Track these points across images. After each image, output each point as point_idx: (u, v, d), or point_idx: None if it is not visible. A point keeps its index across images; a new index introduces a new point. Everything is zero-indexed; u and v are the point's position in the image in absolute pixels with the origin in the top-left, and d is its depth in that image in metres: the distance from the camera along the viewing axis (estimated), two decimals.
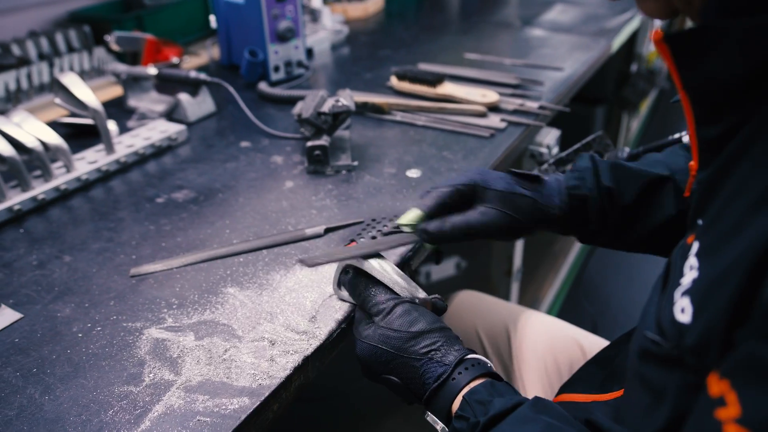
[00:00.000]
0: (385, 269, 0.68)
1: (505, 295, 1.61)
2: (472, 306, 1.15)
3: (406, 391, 0.63)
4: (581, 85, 1.50)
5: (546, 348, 1.02)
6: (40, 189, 0.95)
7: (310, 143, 1.01)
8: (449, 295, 1.18)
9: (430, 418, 0.62)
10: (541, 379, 0.99)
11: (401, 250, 0.81)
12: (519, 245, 1.55)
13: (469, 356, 0.62)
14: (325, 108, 1.02)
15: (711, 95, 0.48)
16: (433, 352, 0.61)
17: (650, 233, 0.76)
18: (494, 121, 1.20)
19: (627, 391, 0.58)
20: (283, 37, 1.42)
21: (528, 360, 1.01)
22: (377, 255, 0.70)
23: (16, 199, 0.93)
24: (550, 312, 2.01)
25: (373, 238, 0.84)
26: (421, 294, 0.67)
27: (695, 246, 0.46)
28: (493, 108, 1.26)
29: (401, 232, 0.74)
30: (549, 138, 1.32)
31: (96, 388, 0.62)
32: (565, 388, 0.78)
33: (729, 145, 0.46)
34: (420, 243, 0.75)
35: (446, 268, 1.99)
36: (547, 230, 0.78)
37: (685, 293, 0.44)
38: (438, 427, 0.62)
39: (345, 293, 0.72)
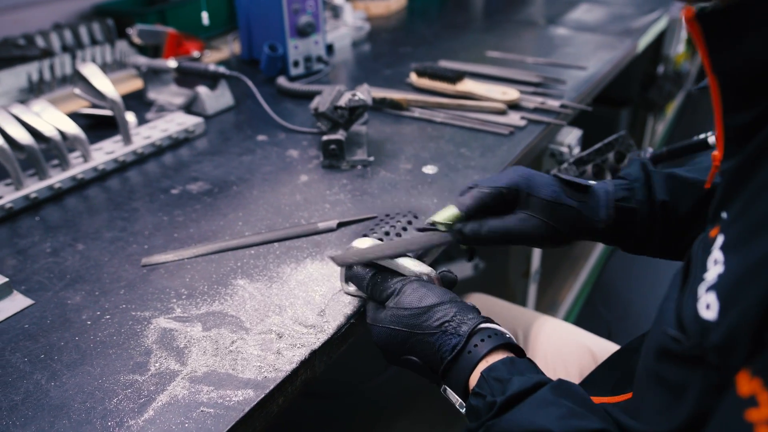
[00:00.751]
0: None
1: (522, 298, 1.59)
2: (484, 310, 1.12)
3: (427, 370, 0.61)
4: (604, 85, 1.47)
5: (556, 354, 1.00)
6: (57, 178, 0.96)
7: (325, 137, 1.00)
8: (461, 296, 1.16)
9: (448, 393, 0.60)
10: None
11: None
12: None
13: (485, 325, 0.60)
14: (342, 102, 1.01)
15: (744, 79, 0.45)
16: (446, 324, 0.59)
17: None
18: (514, 118, 1.18)
19: (637, 391, 0.56)
20: (303, 32, 1.41)
21: (539, 366, 0.99)
22: (406, 254, 0.68)
23: (33, 187, 0.93)
24: (568, 317, 1.97)
25: (398, 235, 0.83)
26: (428, 270, 0.66)
27: (719, 239, 0.43)
28: (514, 106, 1.24)
29: (435, 229, 0.72)
30: (570, 137, 1.30)
31: (102, 376, 0.62)
32: None
33: (759, 133, 0.43)
34: (453, 243, 0.72)
35: (464, 269, 1.97)
36: (588, 240, 0.75)
37: (710, 289, 0.41)
38: (456, 403, 0.59)
39: (352, 288, 0.71)
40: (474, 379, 0.57)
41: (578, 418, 0.50)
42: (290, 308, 0.71)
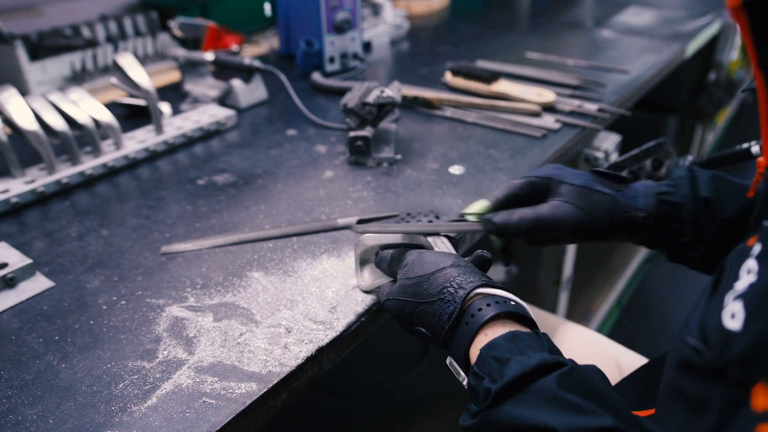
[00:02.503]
0: (392, 235, 0.66)
1: (552, 306, 1.55)
2: None
3: (435, 341, 0.58)
4: (647, 89, 1.42)
5: (581, 363, 0.96)
6: (88, 164, 0.98)
7: (352, 133, 1.00)
8: None
9: (452, 365, 0.57)
10: None
11: None
12: (570, 253, 1.48)
13: (485, 290, 0.55)
14: (370, 99, 1.00)
15: None
16: (444, 291, 0.56)
17: None
18: (548, 121, 1.15)
19: (660, 407, 0.53)
20: (339, 28, 1.41)
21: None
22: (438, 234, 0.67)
23: (65, 172, 0.96)
24: (600, 328, 1.92)
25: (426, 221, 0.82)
26: (440, 238, 0.64)
27: (757, 248, 0.40)
28: (549, 108, 1.21)
29: (465, 221, 0.70)
30: (608, 143, 1.26)
31: (111, 360, 0.62)
32: None
33: None
34: (485, 235, 0.70)
35: (496, 273, 1.94)
36: (628, 239, 0.70)
37: (738, 297, 0.39)
38: (460, 379, 0.56)
39: (366, 281, 0.71)
40: (474, 353, 0.53)
41: (586, 414, 0.45)
42: (302, 303, 0.70)
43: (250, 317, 0.68)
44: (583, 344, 0.98)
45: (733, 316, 0.38)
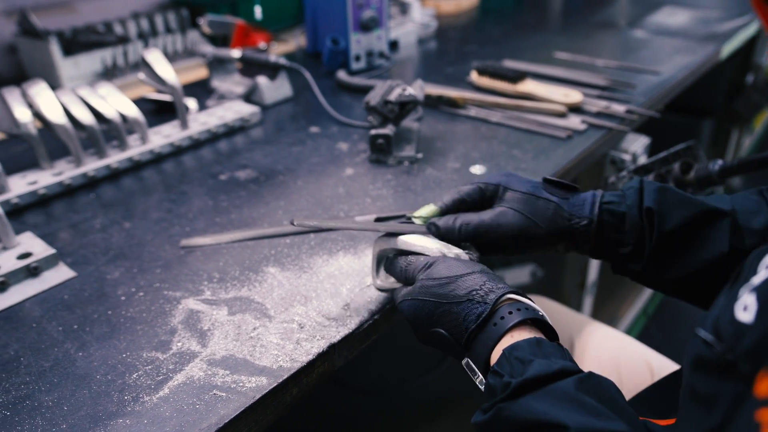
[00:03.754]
0: (420, 240, 0.66)
1: (577, 309, 1.52)
2: None
3: (452, 342, 0.58)
4: (679, 91, 1.38)
5: (611, 365, 0.94)
6: (114, 158, 1.00)
7: (373, 131, 0.99)
8: None
9: (469, 365, 0.57)
10: None
11: None
12: None
13: (515, 296, 0.56)
14: (392, 97, 1.00)
15: None
16: (474, 292, 0.56)
17: (693, 273, 0.65)
18: (574, 122, 1.13)
19: (678, 413, 0.51)
20: (366, 27, 1.41)
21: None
22: (394, 234, 0.68)
23: (91, 165, 0.98)
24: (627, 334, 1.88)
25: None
26: (457, 250, 0.64)
27: None
28: (575, 109, 1.19)
29: (412, 223, 0.70)
30: (636, 145, 1.23)
31: (126, 350, 0.63)
32: None
33: None
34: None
35: (521, 275, 1.92)
36: (572, 248, 0.69)
37: (753, 290, 0.38)
38: (476, 379, 0.56)
39: (381, 282, 0.70)
40: (496, 355, 0.53)
41: (600, 417, 0.45)
42: (316, 299, 0.70)
43: (264, 312, 0.69)
44: (614, 345, 0.97)
45: (746, 308, 0.38)
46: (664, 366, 0.92)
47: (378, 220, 0.84)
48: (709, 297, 0.49)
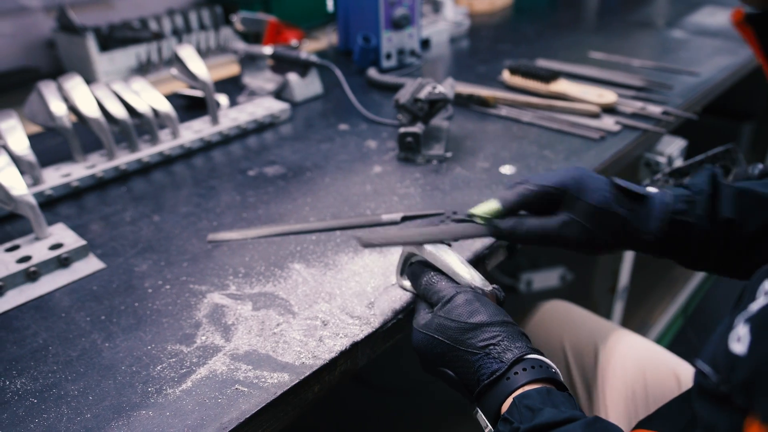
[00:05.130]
0: (447, 258, 0.64)
1: (607, 314, 1.49)
2: (561, 317, 1.06)
3: (461, 386, 0.58)
4: (719, 93, 1.34)
5: (637, 373, 0.92)
6: (146, 152, 1.01)
7: (402, 129, 0.99)
8: (538, 303, 1.11)
9: (479, 416, 0.57)
10: (627, 406, 0.90)
11: (476, 246, 0.77)
12: (628, 261, 1.42)
13: (531, 356, 0.56)
14: (422, 95, 0.99)
15: None
16: (491, 347, 0.56)
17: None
18: (608, 123, 1.11)
19: None
20: (397, 25, 1.40)
21: (614, 384, 0.92)
22: (442, 243, 0.66)
23: (123, 159, 0.99)
24: (660, 340, 1.84)
25: (441, 222, 0.81)
26: (481, 282, 0.63)
27: None
28: (609, 109, 1.16)
29: (473, 222, 0.68)
30: (672, 148, 1.20)
31: (151, 343, 0.64)
32: (643, 424, 0.69)
33: None
34: (490, 238, 0.69)
35: (549, 278, 1.89)
36: (633, 251, 0.69)
37: (747, 320, 0.37)
38: (485, 429, 0.57)
39: (407, 282, 0.69)
40: (506, 405, 0.54)
41: None
42: (340, 297, 0.70)
43: (288, 308, 0.68)
44: (641, 353, 0.94)
45: (739, 339, 0.37)
46: (692, 376, 0.90)
47: (405, 218, 0.84)
48: None
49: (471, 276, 0.63)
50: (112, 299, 0.71)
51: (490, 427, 0.56)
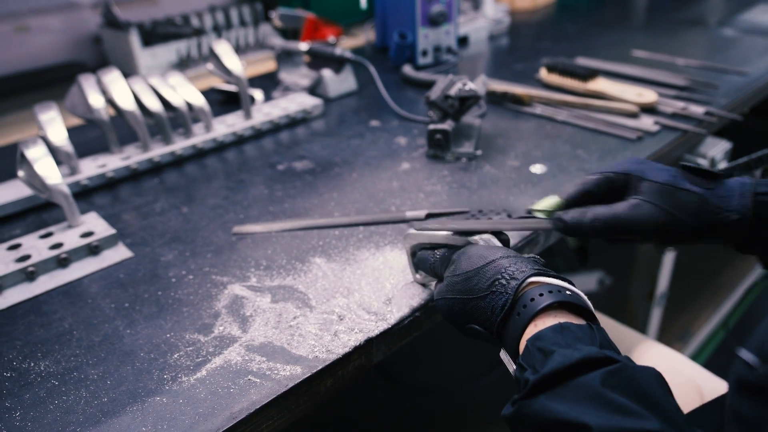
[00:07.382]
0: (439, 232, 0.64)
1: (644, 322, 1.45)
2: None
3: (490, 337, 0.55)
4: None
5: None
6: (179, 145, 1.03)
7: (432, 126, 0.98)
8: None
9: (504, 356, 0.54)
10: None
11: (512, 241, 0.75)
12: (667, 266, 1.38)
13: (539, 279, 0.51)
14: (452, 91, 0.97)
15: None
16: (497, 282, 0.53)
17: None
18: (646, 123, 1.07)
19: None
20: (434, 21, 1.39)
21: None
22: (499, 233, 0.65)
23: (157, 151, 1.01)
24: (699, 353, 1.77)
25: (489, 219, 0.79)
26: (486, 236, 0.62)
27: None
28: (649, 109, 1.13)
29: (533, 218, 0.66)
30: (715, 150, 1.15)
31: (171, 331, 0.65)
32: None
33: None
34: (557, 234, 0.66)
35: (587, 282, 1.85)
36: (718, 242, 0.62)
37: None
38: (511, 371, 0.52)
39: (420, 275, 0.69)
40: (523, 345, 0.50)
41: (629, 416, 0.40)
42: (358, 292, 0.70)
43: (306, 302, 0.69)
44: (662, 363, 0.91)
45: None
46: (715, 388, 0.86)
47: (429, 216, 0.83)
48: None
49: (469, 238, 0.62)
50: (137, 287, 0.72)
51: (514, 367, 0.52)
